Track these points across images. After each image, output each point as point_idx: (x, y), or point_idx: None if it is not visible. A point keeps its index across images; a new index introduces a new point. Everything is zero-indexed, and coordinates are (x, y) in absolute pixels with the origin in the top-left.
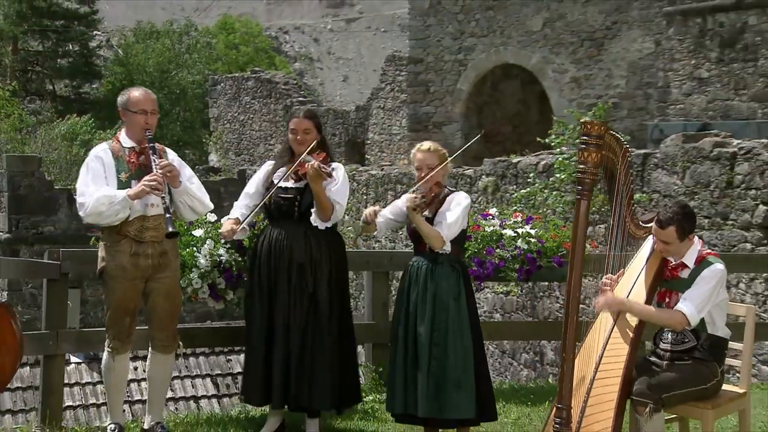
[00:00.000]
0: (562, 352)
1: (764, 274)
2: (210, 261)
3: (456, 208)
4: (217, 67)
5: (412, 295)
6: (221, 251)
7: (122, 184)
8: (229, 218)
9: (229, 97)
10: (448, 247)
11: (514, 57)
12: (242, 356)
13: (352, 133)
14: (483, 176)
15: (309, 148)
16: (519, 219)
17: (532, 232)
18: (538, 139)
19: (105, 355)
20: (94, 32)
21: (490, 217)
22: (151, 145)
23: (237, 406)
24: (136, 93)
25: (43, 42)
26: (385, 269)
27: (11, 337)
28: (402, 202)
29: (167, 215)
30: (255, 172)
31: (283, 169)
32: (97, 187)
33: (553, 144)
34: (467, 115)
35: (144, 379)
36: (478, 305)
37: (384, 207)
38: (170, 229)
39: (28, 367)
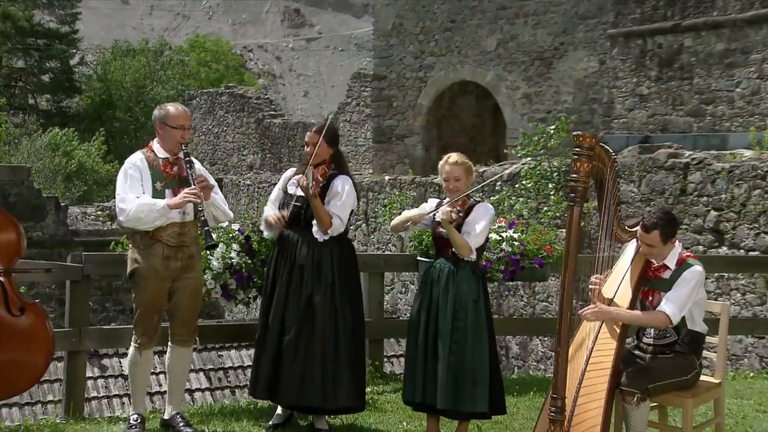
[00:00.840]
0: (557, 346)
1: (715, 274)
2: (222, 263)
3: (482, 220)
4: (189, 82)
5: (434, 295)
6: (233, 254)
7: (157, 193)
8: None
9: (204, 111)
10: (473, 256)
11: (471, 74)
12: (233, 352)
13: None
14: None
15: (313, 161)
16: (503, 224)
17: (515, 235)
18: (505, 150)
19: (131, 350)
20: (75, 50)
21: None
22: (188, 159)
23: (229, 399)
24: (173, 109)
25: (26, 59)
26: (380, 270)
27: (45, 335)
28: (429, 207)
29: (205, 228)
30: (231, 180)
31: (296, 178)
32: (135, 194)
33: (519, 155)
34: (427, 128)
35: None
36: None
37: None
38: (210, 242)
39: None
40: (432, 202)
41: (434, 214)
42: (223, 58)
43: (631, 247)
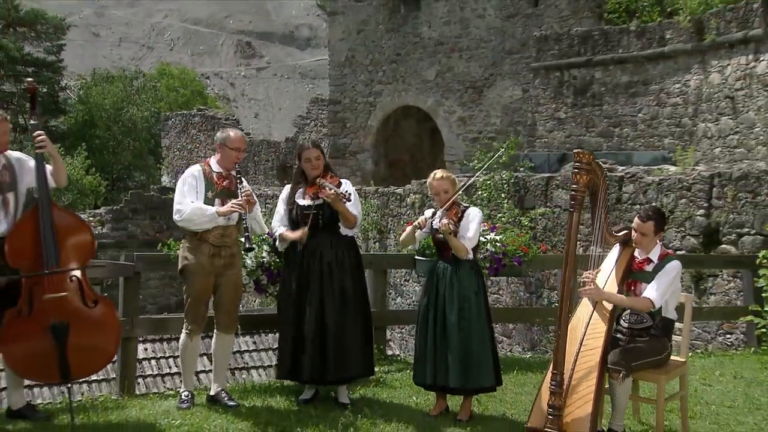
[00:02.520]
0: (557, 329)
1: None
2: (255, 262)
3: (473, 223)
4: (161, 105)
5: (440, 290)
6: (264, 254)
7: (207, 200)
8: (285, 232)
9: (178, 130)
10: (470, 255)
11: (413, 100)
12: (246, 337)
13: (282, 159)
14: (411, 194)
15: (320, 171)
16: (486, 228)
17: (498, 237)
18: (465, 161)
19: (183, 336)
20: (59, 77)
21: None
22: (239, 176)
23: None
24: (232, 134)
25: (16, 84)
26: (383, 267)
27: (115, 324)
28: (427, 215)
29: (246, 234)
30: None
31: (301, 191)
32: (191, 199)
33: (475, 168)
34: (376, 146)
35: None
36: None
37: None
38: (247, 245)
39: None
40: (428, 212)
41: (432, 222)
42: (189, 84)
43: (615, 249)
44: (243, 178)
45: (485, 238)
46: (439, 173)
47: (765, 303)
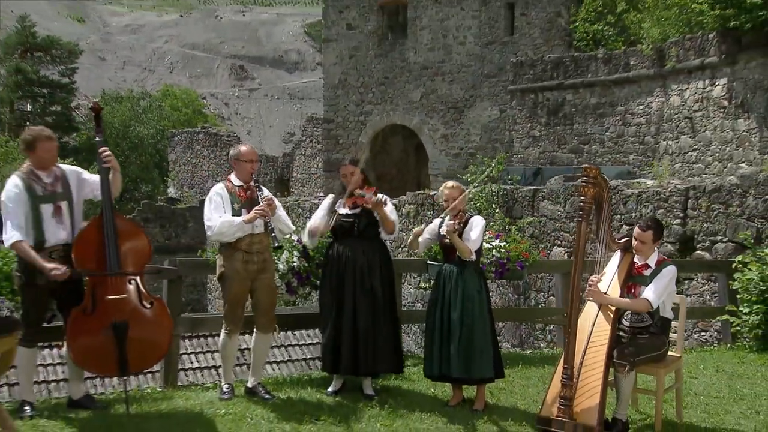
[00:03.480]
0: (568, 327)
1: None
2: (286, 266)
3: (476, 228)
4: (165, 123)
5: (446, 290)
6: (294, 259)
7: (235, 212)
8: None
9: (184, 146)
10: (473, 257)
11: (400, 119)
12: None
13: (280, 173)
14: (406, 204)
15: (358, 184)
16: (491, 235)
17: (502, 244)
18: (459, 175)
19: (222, 335)
20: (72, 97)
21: None
22: (257, 184)
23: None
24: (243, 148)
25: (33, 104)
26: (399, 271)
27: (167, 322)
28: (435, 226)
29: (273, 234)
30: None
31: (341, 201)
32: (218, 215)
33: (469, 180)
34: (366, 161)
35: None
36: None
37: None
38: (276, 244)
39: None
40: (436, 221)
41: (440, 229)
42: (191, 103)
43: (617, 255)
44: (262, 186)
45: (490, 244)
46: (450, 183)
47: (739, 304)
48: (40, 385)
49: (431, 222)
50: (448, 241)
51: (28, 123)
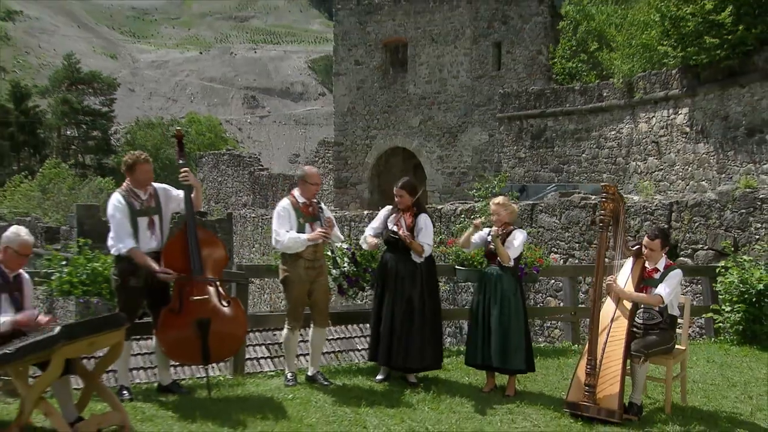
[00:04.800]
0: (591, 324)
1: None
2: (339, 272)
3: (518, 239)
4: (191, 147)
5: (488, 291)
6: (345, 266)
7: (300, 225)
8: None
9: (210, 166)
10: (511, 263)
11: (401, 142)
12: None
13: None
14: None
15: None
16: None
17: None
18: (469, 192)
19: (285, 331)
20: (111, 124)
21: None
22: (320, 204)
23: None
24: (310, 171)
25: (77, 130)
26: None
27: (243, 319)
28: (485, 233)
29: (331, 249)
30: (239, 213)
31: (393, 216)
32: (285, 230)
33: (475, 195)
34: (371, 179)
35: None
36: None
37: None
38: (333, 255)
39: None
40: (487, 230)
41: (488, 236)
42: (213, 129)
43: (629, 261)
44: (323, 205)
45: None
46: (497, 198)
47: (722, 303)
48: (131, 372)
49: (483, 230)
50: (492, 247)
51: (73, 147)
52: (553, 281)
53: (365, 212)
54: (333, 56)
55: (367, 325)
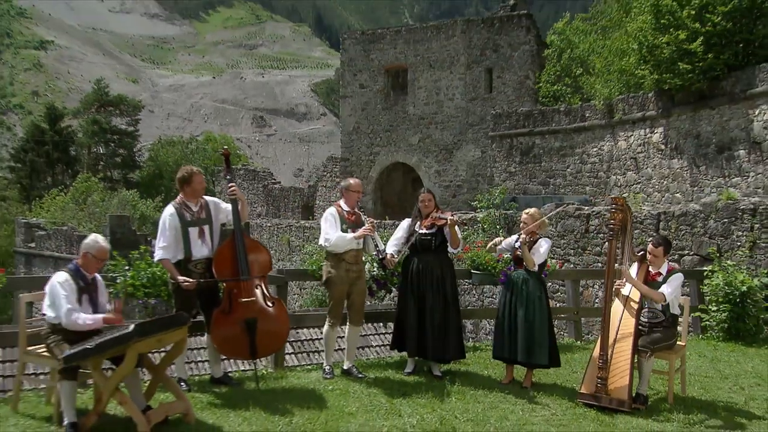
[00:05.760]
0: (602, 323)
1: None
2: (368, 274)
3: (542, 247)
4: (208, 162)
5: (514, 293)
6: (374, 270)
7: (343, 231)
8: (390, 253)
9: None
10: (536, 268)
11: (402, 158)
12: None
13: (305, 201)
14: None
15: (434, 209)
16: None
17: None
18: (470, 203)
19: (326, 327)
20: (136, 142)
21: None
22: (362, 210)
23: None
24: (353, 181)
25: (106, 148)
26: None
27: (286, 317)
28: (512, 240)
29: (377, 250)
30: (256, 223)
31: (419, 223)
32: (334, 231)
33: (479, 206)
34: (375, 191)
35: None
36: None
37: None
38: (380, 256)
39: None
40: (514, 237)
41: (516, 243)
42: (228, 146)
43: (635, 265)
44: (364, 212)
45: None
46: (530, 211)
47: (708, 303)
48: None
49: (512, 237)
50: (519, 253)
51: (101, 163)
52: (550, 284)
53: (395, 222)
54: (340, 81)
55: (380, 324)
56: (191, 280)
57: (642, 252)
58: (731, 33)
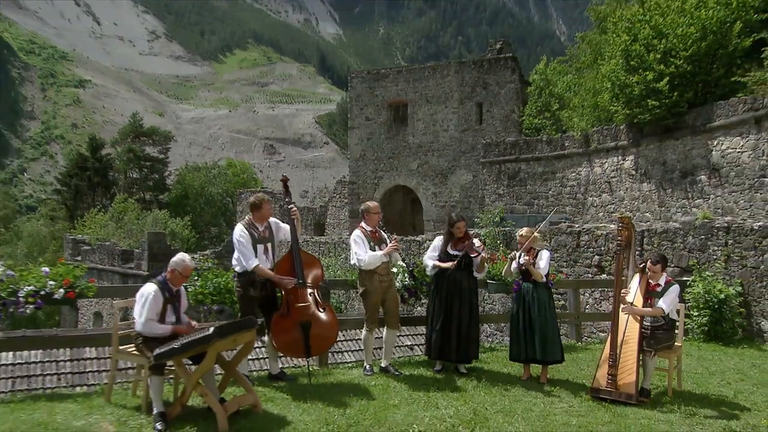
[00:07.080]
0: (612, 326)
1: (599, 289)
2: (401, 284)
3: (543, 259)
4: (228, 186)
5: (526, 301)
6: (406, 280)
7: (371, 248)
8: (436, 262)
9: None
10: (544, 279)
11: (403, 181)
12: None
13: (317, 219)
14: (427, 241)
15: (471, 238)
16: None
17: None
18: (473, 220)
19: (364, 331)
20: (167, 168)
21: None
22: (384, 229)
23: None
24: (372, 205)
25: (139, 173)
26: None
27: (335, 322)
28: (520, 260)
29: (404, 265)
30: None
31: (451, 244)
32: (364, 251)
33: (480, 224)
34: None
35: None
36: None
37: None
38: (408, 267)
39: None
40: (516, 254)
41: (520, 261)
42: (246, 171)
43: (637, 276)
44: (386, 229)
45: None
46: (523, 230)
47: (690, 309)
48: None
49: (513, 261)
50: (524, 267)
51: (136, 186)
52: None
53: (401, 238)
54: (348, 114)
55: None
56: (292, 278)
57: (642, 264)
58: (692, 74)
